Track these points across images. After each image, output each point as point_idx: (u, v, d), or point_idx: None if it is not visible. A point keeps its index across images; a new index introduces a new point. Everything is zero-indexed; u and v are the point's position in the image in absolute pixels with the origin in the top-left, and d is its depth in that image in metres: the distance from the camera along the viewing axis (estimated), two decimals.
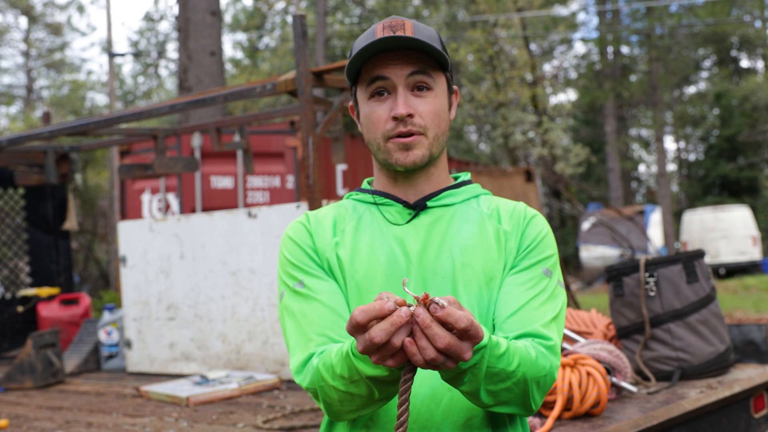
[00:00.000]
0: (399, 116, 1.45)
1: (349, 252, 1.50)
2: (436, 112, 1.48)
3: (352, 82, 1.54)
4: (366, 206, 1.58)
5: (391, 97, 1.47)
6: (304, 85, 3.89)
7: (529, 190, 9.18)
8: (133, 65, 32.25)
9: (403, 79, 1.46)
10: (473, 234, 1.51)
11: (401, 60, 1.45)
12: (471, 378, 1.27)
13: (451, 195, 1.56)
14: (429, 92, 1.48)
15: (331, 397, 1.35)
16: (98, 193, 22.87)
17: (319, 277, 1.48)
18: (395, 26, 1.46)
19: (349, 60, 1.49)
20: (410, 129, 1.46)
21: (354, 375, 1.28)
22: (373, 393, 1.30)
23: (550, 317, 1.44)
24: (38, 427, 3.37)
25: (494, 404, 1.35)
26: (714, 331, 3.30)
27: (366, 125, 1.52)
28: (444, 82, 1.52)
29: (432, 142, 1.49)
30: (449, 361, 1.16)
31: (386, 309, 1.13)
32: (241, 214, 4.19)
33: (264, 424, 3.06)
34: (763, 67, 33.64)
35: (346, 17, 23.39)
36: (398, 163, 1.48)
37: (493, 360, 1.28)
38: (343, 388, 1.32)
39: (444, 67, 1.51)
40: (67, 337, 5.42)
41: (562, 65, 30.27)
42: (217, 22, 9.79)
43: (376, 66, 1.46)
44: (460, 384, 1.28)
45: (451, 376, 1.27)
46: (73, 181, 6.17)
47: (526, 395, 1.36)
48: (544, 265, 1.50)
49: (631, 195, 34.82)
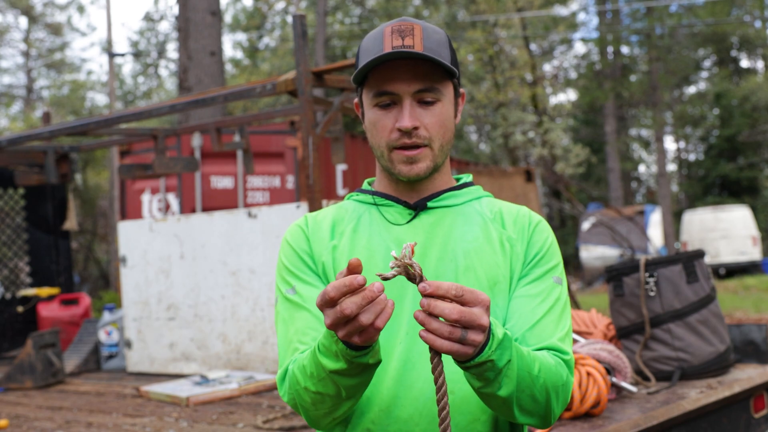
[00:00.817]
0: (404, 129, 1.44)
1: (347, 255, 1.50)
2: (441, 123, 1.48)
3: (358, 84, 1.53)
4: (366, 207, 1.57)
5: (397, 108, 1.46)
6: (304, 85, 3.89)
7: (529, 190, 9.18)
8: (133, 65, 32.28)
9: (410, 94, 1.45)
10: (476, 238, 1.50)
11: (409, 74, 1.44)
12: (507, 379, 1.27)
13: (453, 196, 1.55)
14: (435, 104, 1.47)
15: (305, 400, 1.36)
16: (98, 193, 22.87)
17: (311, 285, 1.48)
18: (404, 31, 1.45)
19: (356, 64, 1.48)
20: (415, 141, 1.46)
21: (320, 371, 1.29)
22: (340, 391, 1.31)
23: (565, 332, 1.45)
24: (38, 427, 3.37)
25: (521, 414, 1.35)
26: (714, 331, 3.30)
27: (371, 131, 1.51)
28: (451, 90, 1.52)
29: (437, 153, 1.49)
30: (471, 333, 1.17)
31: (356, 283, 1.14)
32: (241, 214, 4.19)
33: (264, 424, 3.06)
34: (763, 67, 33.64)
35: (346, 17, 23.39)
36: (401, 175, 1.48)
37: (520, 360, 1.28)
38: (313, 388, 1.33)
39: (452, 74, 1.50)
40: (67, 337, 5.41)
41: (562, 65, 30.29)
42: (217, 22, 9.79)
43: (384, 78, 1.45)
44: (498, 388, 1.27)
45: (489, 379, 1.26)
46: (73, 181, 6.17)
47: (548, 404, 1.37)
48: (554, 274, 1.50)
49: (631, 195, 34.81)
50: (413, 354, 1.43)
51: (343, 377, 1.28)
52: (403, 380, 1.43)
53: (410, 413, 1.42)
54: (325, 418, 1.39)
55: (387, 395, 1.43)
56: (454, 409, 1.42)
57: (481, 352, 1.22)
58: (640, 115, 31.51)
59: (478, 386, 1.29)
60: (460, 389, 1.42)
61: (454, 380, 1.42)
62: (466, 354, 1.19)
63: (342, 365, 1.26)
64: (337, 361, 1.26)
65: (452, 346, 1.17)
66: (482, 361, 1.23)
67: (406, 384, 1.43)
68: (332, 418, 1.39)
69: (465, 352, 1.18)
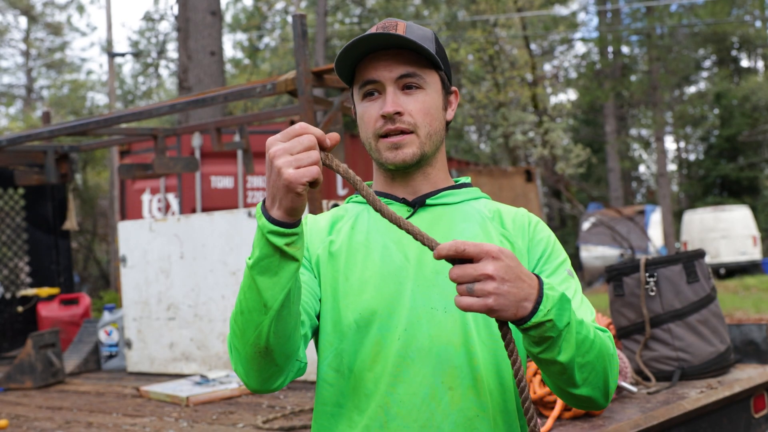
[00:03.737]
0: (387, 114, 1.46)
1: (345, 252, 1.51)
2: (426, 110, 1.49)
3: (348, 83, 1.55)
4: (364, 206, 1.59)
5: (382, 97, 1.48)
6: (304, 85, 3.89)
7: (529, 190, 9.18)
8: (133, 65, 32.22)
9: (393, 81, 1.47)
10: (476, 235, 1.51)
11: (391, 61, 1.47)
12: (566, 343, 1.27)
13: (452, 195, 1.56)
14: (419, 91, 1.49)
15: (235, 329, 1.33)
16: (98, 193, 22.87)
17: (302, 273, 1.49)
18: (388, 26, 1.48)
19: (336, 59, 1.49)
20: (398, 126, 1.47)
21: (246, 277, 1.27)
22: (260, 297, 1.26)
23: (594, 317, 1.46)
24: (38, 427, 3.37)
25: (582, 383, 1.34)
26: (714, 331, 3.30)
27: (360, 125, 1.54)
28: (437, 81, 1.52)
29: (424, 140, 1.49)
30: (478, 285, 1.19)
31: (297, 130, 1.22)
32: (241, 214, 4.19)
33: (264, 424, 3.06)
34: (763, 67, 33.65)
35: (346, 17, 23.39)
36: (388, 162, 1.49)
37: (579, 325, 1.29)
38: (240, 306, 1.30)
39: (437, 66, 1.51)
40: (67, 337, 5.41)
41: (562, 65, 30.27)
42: (217, 22, 9.79)
43: (367, 68, 1.48)
44: (558, 352, 1.27)
45: (549, 341, 1.26)
46: (73, 181, 6.16)
47: (606, 374, 1.37)
48: (566, 267, 1.52)
49: (631, 195, 34.80)
50: (411, 350, 1.44)
51: (262, 275, 1.25)
52: (401, 377, 1.43)
53: (408, 410, 1.42)
54: (251, 349, 1.32)
55: (385, 392, 1.43)
56: (454, 405, 1.42)
57: (535, 311, 1.23)
58: (640, 115, 31.50)
59: (538, 351, 1.28)
60: (460, 385, 1.43)
61: (454, 376, 1.43)
62: (487, 306, 1.20)
63: (260, 251, 1.24)
64: (258, 247, 1.25)
65: (463, 300, 1.20)
66: (540, 321, 1.23)
67: (404, 381, 1.43)
68: (257, 350, 1.31)
69: (484, 304, 1.19)
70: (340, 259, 1.50)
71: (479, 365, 1.44)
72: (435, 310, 1.45)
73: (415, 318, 1.44)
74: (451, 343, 1.44)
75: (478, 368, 1.44)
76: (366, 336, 1.45)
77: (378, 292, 1.46)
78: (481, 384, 1.43)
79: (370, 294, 1.46)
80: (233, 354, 1.37)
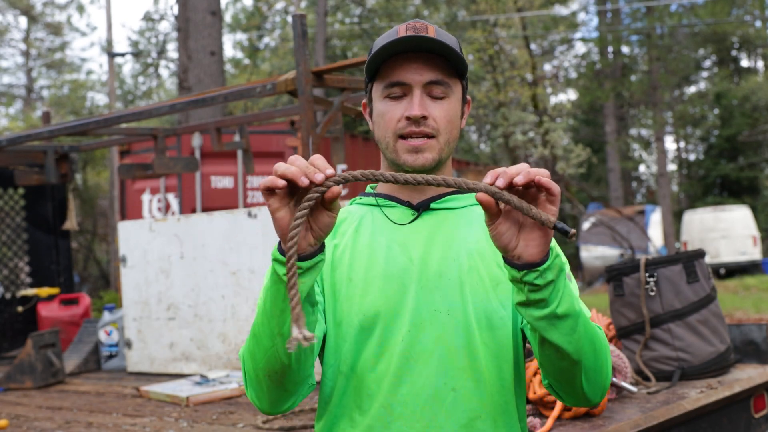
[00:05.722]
0: (413, 117, 1.45)
1: (349, 254, 1.51)
2: (449, 118, 1.50)
3: (369, 78, 1.54)
4: (368, 209, 1.58)
5: (407, 98, 1.48)
6: (304, 85, 3.89)
7: None
8: (133, 65, 32.22)
9: (421, 85, 1.47)
10: (479, 240, 1.51)
11: (421, 65, 1.46)
12: (554, 293, 1.26)
13: (456, 199, 1.57)
14: (445, 99, 1.49)
15: (247, 352, 1.37)
16: (98, 193, 22.88)
17: None
18: (418, 28, 1.47)
19: (368, 56, 1.49)
20: (422, 130, 1.47)
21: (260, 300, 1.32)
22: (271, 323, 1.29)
23: (590, 316, 1.46)
24: (38, 427, 3.37)
25: (575, 353, 1.31)
26: (714, 331, 3.30)
27: (378, 123, 1.52)
28: (460, 90, 1.54)
29: (443, 146, 1.50)
30: None
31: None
32: (241, 214, 4.18)
33: (264, 424, 3.06)
34: (763, 67, 33.65)
35: (346, 17, 23.38)
36: (407, 165, 1.49)
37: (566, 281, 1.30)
38: (254, 326, 1.34)
39: (461, 75, 1.52)
40: (67, 337, 5.41)
41: (562, 65, 30.27)
42: (217, 22, 9.79)
43: (396, 69, 1.47)
44: (557, 305, 1.26)
45: (551, 284, 1.25)
46: (73, 181, 6.16)
47: (598, 354, 1.35)
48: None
49: (631, 195, 34.80)
50: (414, 352, 1.44)
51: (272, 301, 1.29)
52: (405, 378, 1.43)
53: (412, 410, 1.43)
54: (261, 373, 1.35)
55: (388, 392, 1.43)
56: (457, 406, 1.43)
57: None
58: (640, 115, 31.50)
59: (539, 297, 1.26)
60: (463, 386, 1.44)
61: (457, 377, 1.43)
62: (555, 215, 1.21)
63: (269, 276, 1.29)
64: (269, 272, 1.29)
65: (530, 174, 1.20)
66: (553, 261, 1.26)
67: (407, 381, 1.43)
68: (266, 374, 1.35)
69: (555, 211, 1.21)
70: (343, 261, 1.50)
71: (481, 366, 1.44)
72: (438, 312, 1.45)
73: (418, 320, 1.45)
74: (454, 345, 1.44)
75: (480, 369, 1.44)
76: (369, 337, 1.46)
77: (382, 294, 1.46)
78: (483, 385, 1.44)
79: (374, 295, 1.46)
80: (244, 377, 1.41)
